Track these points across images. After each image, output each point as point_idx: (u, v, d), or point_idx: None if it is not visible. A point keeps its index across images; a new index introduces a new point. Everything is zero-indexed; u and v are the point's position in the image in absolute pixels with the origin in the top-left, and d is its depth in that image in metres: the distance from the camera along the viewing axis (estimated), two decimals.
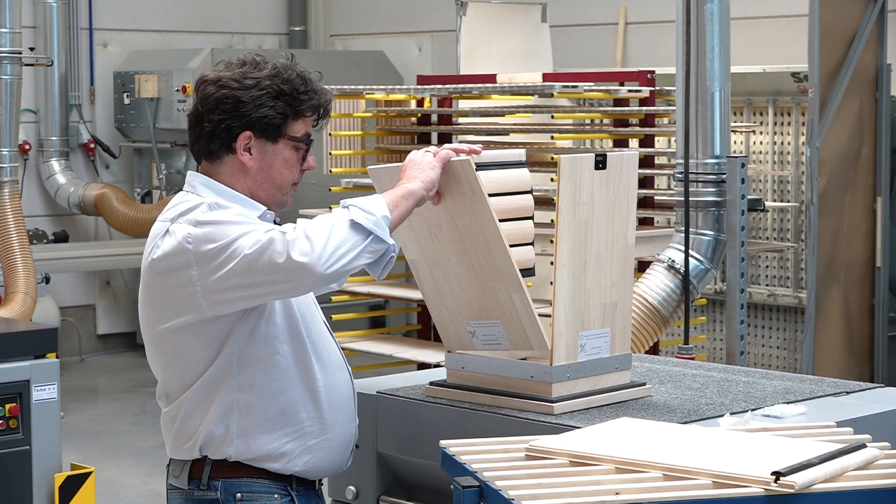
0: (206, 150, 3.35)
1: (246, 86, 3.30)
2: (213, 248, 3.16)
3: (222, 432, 3.28)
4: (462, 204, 3.37)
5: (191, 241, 3.19)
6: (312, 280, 3.12)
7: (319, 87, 3.37)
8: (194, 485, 3.33)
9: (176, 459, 3.39)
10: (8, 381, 5.17)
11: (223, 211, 3.24)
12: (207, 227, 3.19)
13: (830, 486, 2.63)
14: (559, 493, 2.62)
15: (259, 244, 3.13)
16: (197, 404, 3.31)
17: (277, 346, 3.29)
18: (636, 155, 3.62)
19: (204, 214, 3.22)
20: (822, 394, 3.67)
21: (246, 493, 3.31)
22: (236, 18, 12.43)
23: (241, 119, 3.30)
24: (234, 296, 3.18)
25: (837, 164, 7.22)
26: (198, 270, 3.18)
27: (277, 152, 3.33)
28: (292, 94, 3.31)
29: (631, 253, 3.59)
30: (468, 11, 9.17)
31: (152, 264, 3.27)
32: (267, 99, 3.30)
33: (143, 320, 3.37)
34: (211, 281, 3.17)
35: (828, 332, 7.21)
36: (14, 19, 8.27)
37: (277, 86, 3.30)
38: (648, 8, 10.08)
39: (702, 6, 5.84)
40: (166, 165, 11.40)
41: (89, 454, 8.19)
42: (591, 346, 3.51)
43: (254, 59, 3.35)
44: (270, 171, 3.34)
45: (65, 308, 11.08)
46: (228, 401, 3.28)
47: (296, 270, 3.10)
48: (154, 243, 3.28)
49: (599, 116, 7.87)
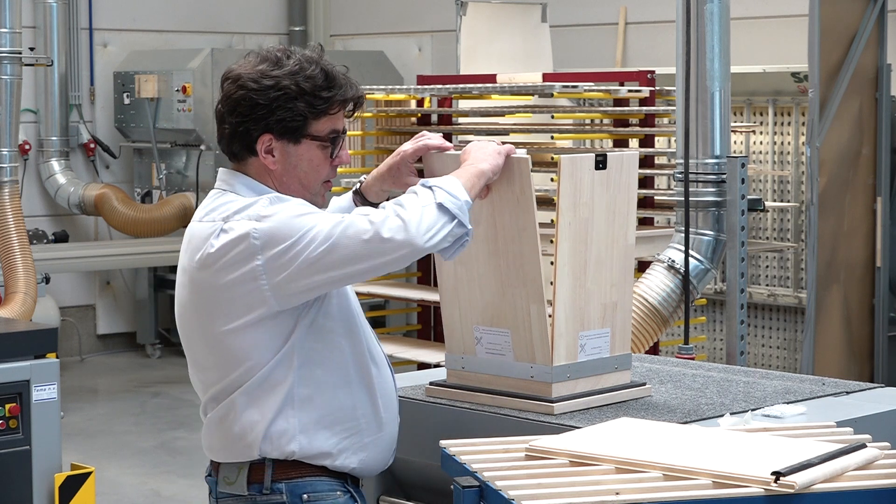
0: (229, 151, 3.27)
1: (263, 87, 3.17)
2: (284, 240, 3.07)
3: (283, 427, 3.17)
4: (508, 202, 3.36)
5: (257, 236, 3.09)
6: (408, 250, 3.07)
7: (345, 81, 3.25)
8: (255, 489, 3.21)
9: (228, 464, 3.25)
10: (8, 381, 5.17)
11: (286, 203, 3.14)
12: (273, 221, 3.10)
13: (830, 486, 2.63)
14: (559, 493, 2.62)
15: (339, 226, 3.06)
16: (253, 401, 3.18)
17: (335, 339, 3.22)
18: (636, 155, 3.62)
19: (266, 208, 3.12)
20: (822, 394, 3.67)
21: (312, 493, 3.20)
22: (236, 18, 12.43)
23: (259, 122, 3.19)
24: (308, 284, 3.09)
25: (837, 164, 7.21)
26: (265, 265, 3.09)
27: (301, 153, 3.22)
28: (313, 92, 3.19)
29: (631, 253, 3.59)
30: (468, 11, 9.18)
31: (206, 264, 3.15)
32: (284, 100, 3.17)
33: (194, 324, 3.24)
34: (283, 275, 3.08)
35: (828, 332, 7.21)
36: (14, 19, 8.26)
37: (297, 85, 3.17)
38: (648, 8, 10.08)
39: (702, 6, 5.84)
40: (166, 165, 11.40)
41: (89, 454, 8.19)
42: (592, 346, 3.51)
43: (276, 56, 3.21)
44: (296, 172, 3.23)
45: (65, 308, 11.07)
46: (288, 396, 3.17)
47: (388, 244, 3.06)
48: (204, 245, 3.16)
49: (599, 116, 7.87)
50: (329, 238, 3.07)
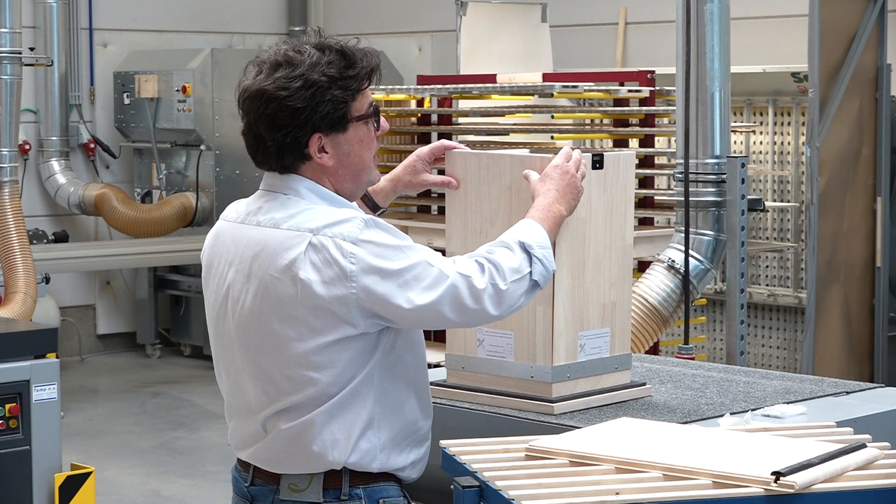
0: (280, 166, 3.15)
1: (294, 90, 3.06)
2: (383, 273, 3.01)
3: (366, 448, 3.12)
4: (524, 202, 3.36)
5: (354, 261, 3.01)
6: (486, 321, 3.12)
7: (359, 51, 3.14)
8: (332, 496, 3.14)
9: (298, 474, 3.16)
10: (8, 381, 5.17)
11: (383, 232, 3.06)
12: (371, 247, 3.03)
13: (830, 486, 2.63)
14: (559, 493, 2.62)
15: (444, 282, 3.04)
16: (334, 420, 3.10)
17: (402, 354, 3.17)
18: (633, 155, 3.63)
19: (363, 232, 3.04)
20: (822, 394, 3.67)
21: (387, 498, 3.17)
22: (236, 18, 12.43)
23: (305, 126, 3.09)
24: (395, 317, 3.06)
25: (837, 164, 7.21)
26: (359, 291, 3.01)
27: (351, 138, 3.14)
28: (341, 75, 3.09)
29: (629, 253, 3.59)
30: (468, 11, 9.18)
31: (293, 278, 3.04)
32: (321, 94, 3.07)
33: (268, 336, 3.11)
34: (377, 305, 3.03)
35: (828, 332, 7.21)
36: (14, 19, 8.27)
37: (324, 74, 3.07)
38: (648, 8, 10.08)
39: (702, 6, 5.84)
40: (166, 165, 11.40)
41: (89, 454, 8.19)
42: (591, 346, 3.51)
43: (286, 57, 3.10)
44: (350, 160, 3.16)
45: (65, 308, 11.07)
46: (370, 415, 3.11)
47: (479, 316, 3.08)
48: (289, 256, 3.05)
49: (599, 116, 7.88)
50: (433, 288, 3.04)
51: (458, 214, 3.52)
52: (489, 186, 3.47)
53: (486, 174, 3.47)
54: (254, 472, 3.24)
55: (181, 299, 11.43)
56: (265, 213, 3.15)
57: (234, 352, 3.19)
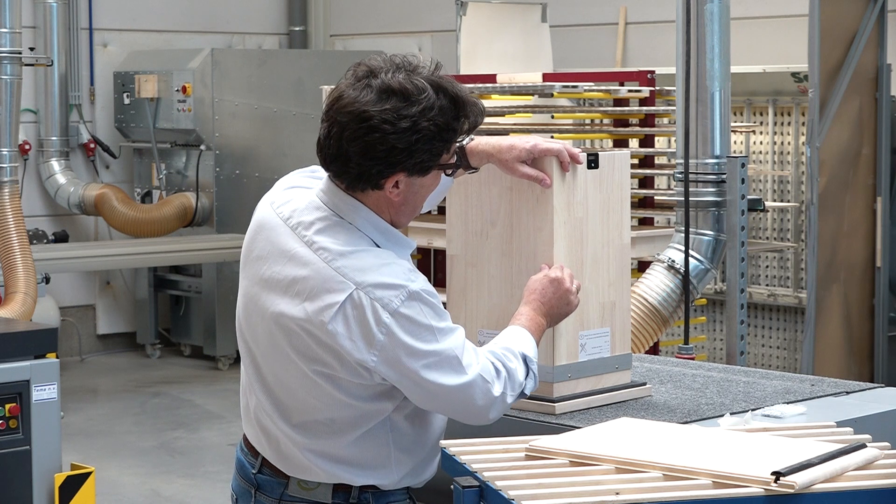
0: (350, 185, 3.08)
1: (400, 129, 2.97)
2: (409, 350, 3.00)
3: (389, 480, 3.16)
4: (527, 201, 3.38)
5: (384, 331, 2.98)
6: (477, 423, 3.15)
7: (471, 103, 3.08)
8: (341, 498, 3.15)
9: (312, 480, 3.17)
10: (8, 381, 5.17)
11: (423, 307, 3.02)
12: (405, 323, 2.99)
13: (830, 486, 2.63)
14: (559, 493, 2.62)
15: (461, 379, 3.05)
16: (360, 447, 3.13)
17: None
18: (628, 154, 3.64)
19: (403, 305, 2.99)
20: (822, 394, 3.67)
21: (394, 502, 3.19)
22: (236, 18, 12.43)
23: (396, 165, 3.01)
24: (402, 389, 3.08)
25: (837, 164, 7.22)
26: (379, 357, 3.00)
27: (426, 182, 3.10)
28: (447, 126, 3.02)
29: (627, 252, 3.60)
30: (468, 11, 9.17)
31: (321, 328, 3.00)
32: (424, 143, 2.99)
33: (285, 361, 3.10)
34: (392, 374, 3.03)
35: (828, 332, 7.21)
36: (14, 19, 8.26)
37: (434, 123, 2.99)
38: (648, 8, 10.08)
39: (702, 6, 5.84)
40: (166, 165, 11.40)
41: (89, 454, 8.19)
42: (592, 345, 3.51)
43: (401, 88, 2.99)
44: (416, 199, 3.12)
45: (65, 308, 11.08)
46: (394, 443, 3.14)
47: (478, 417, 3.11)
48: (330, 302, 3.00)
49: (599, 116, 7.87)
50: (451, 379, 3.05)
51: (459, 215, 3.52)
52: (489, 187, 3.47)
53: (486, 175, 3.47)
54: (262, 462, 3.23)
55: (181, 299, 11.43)
56: (318, 235, 3.08)
57: (259, 346, 3.17)
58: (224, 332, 10.82)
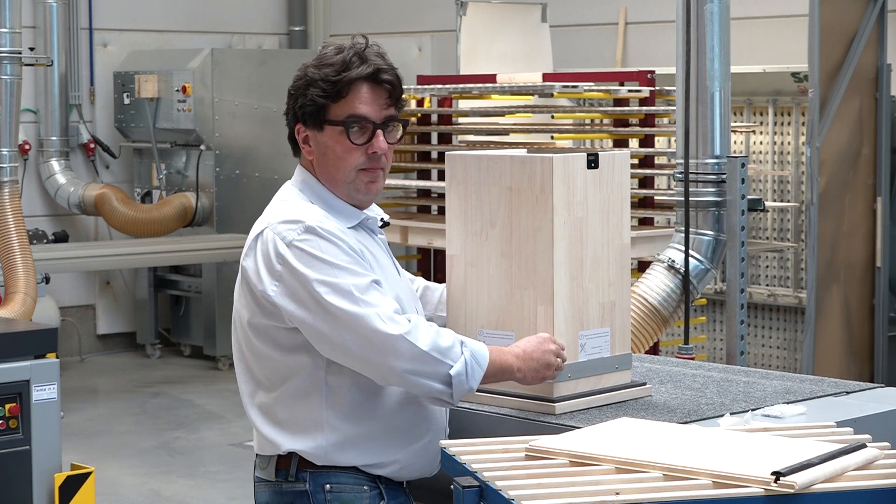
0: (293, 148, 3.37)
1: (296, 77, 3.29)
2: (302, 283, 3.14)
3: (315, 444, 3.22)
4: (527, 201, 3.38)
5: (281, 261, 3.17)
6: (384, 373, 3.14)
7: (364, 65, 3.28)
8: (282, 476, 3.27)
9: (262, 455, 3.32)
10: (8, 381, 5.17)
11: (320, 242, 3.17)
12: (299, 253, 3.16)
13: (830, 486, 2.63)
14: (559, 493, 2.62)
15: (359, 314, 3.11)
16: (284, 405, 3.23)
17: None
18: (627, 154, 3.63)
19: (298, 238, 3.18)
20: (822, 394, 3.67)
21: (335, 484, 3.24)
22: (236, 18, 12.43)
23: (290, 112, 3.31)
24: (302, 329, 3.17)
25: (837, 164, 7.22)
26: (279, 288, 3.16)
27: (326, 140, 3.27)
28: (326, 77, 3.24)
29: (627, 252, 3.60)
30: (468, 11, 9.18)
31: (242, 262, 3.26)
32: (303, 88, 3.26)
33: (236, 310, 3.32)
34: (292, 308, 3.15)
35: (828, 332, 7.21)
36: (14, 19, 8.26)
37: (317, 69, 3.25)
38: (648, 8, 10.08)
39: (702, 6, 5.84)
40: (166, 165, 11.40)
41: (89, 454, 8.19)
42: (592, 345, 3.51)
43: (337, 47, 3.29)
44: (325, 160, 3.29)
45: (65, 308, 11.07)
46: (320, 411, 3.20)
47: (382, 363, 3.11)
48: (248, 243, 3.26)
49: (599, 116, 7.88)
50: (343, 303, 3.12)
51: (458, 216, 3.52)
52: (489, 188, 3.47)
53: (486, 175, 3.47)
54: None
55: (181, 299, 11.43)
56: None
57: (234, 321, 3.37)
58: (224, 332, 10.82)
